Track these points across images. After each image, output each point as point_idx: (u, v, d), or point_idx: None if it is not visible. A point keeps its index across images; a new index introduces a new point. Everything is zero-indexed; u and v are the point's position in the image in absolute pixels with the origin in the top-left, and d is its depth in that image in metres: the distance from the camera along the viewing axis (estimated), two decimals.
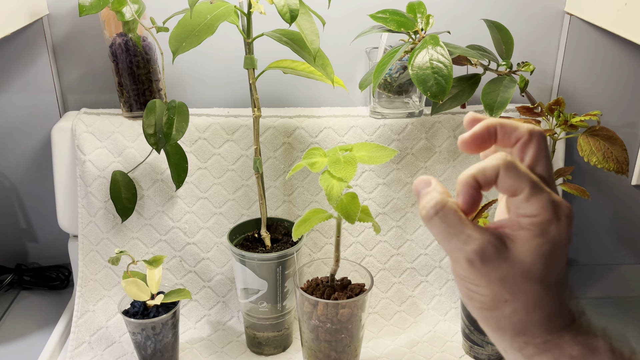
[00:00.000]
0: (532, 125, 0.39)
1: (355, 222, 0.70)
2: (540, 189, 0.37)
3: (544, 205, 0.37)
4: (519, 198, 0.38)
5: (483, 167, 0.38)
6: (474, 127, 0.40)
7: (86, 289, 0.97)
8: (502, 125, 0.40)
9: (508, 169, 0.37)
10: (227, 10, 0.74)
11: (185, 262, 0.98)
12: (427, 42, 0.79)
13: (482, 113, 0.99)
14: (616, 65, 1.03)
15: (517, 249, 0.38)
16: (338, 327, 0.78)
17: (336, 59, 0.93)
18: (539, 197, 0.37)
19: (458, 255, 0.38)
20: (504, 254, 0.38)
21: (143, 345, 0.84)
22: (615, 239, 1.17)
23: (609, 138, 0.81)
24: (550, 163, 0.40)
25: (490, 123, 0.40)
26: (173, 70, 1.00)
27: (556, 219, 0.38)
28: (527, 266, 0.37)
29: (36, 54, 0.99)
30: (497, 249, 0.37)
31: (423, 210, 0.39)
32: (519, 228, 0.38)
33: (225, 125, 0.97)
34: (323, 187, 0.69)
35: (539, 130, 0.39)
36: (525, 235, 0.38)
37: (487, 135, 0.40)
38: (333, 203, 0.68)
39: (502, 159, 0.37)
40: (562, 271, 0.39)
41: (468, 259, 0.38)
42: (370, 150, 0.73)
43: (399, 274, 1.00)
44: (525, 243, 0.38)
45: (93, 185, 0.95)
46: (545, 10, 1.00)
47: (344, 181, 0.69)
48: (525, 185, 0.37)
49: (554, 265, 0.38)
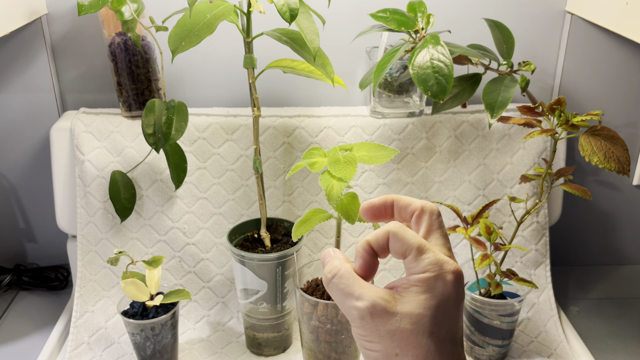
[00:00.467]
0: (425, 201, 0.44)
1: (355, 223, 0.69)
2: (427, 250, 0.41)
3: (430, 263, 0.40)
4: (409, 259, 0.41)
5: (376, 234, 0.42)
6: (376, 198, 0.46)
7: (85, 289, 0.96)
8: (398, 200, 0.45)
9: (396, 234, 0.41)
10: (226, 9, 0.74)
11: (185, 263, 0.97)
12: (427, 42, 0.79)
13: (482, 112, 0.99)
14: (617, 64, 1.03)
15: (405, 304, 0.40)
16: (338, 328, 0.77)
17: (336, 58, 0.93)
18: (425, 256, 0.41)
19: (353, 312, 0.41)
20: (393, 308, 0.40)
21: (142, 346, 0.84)
22: (616, 239, 1.16)
23: (611, 138, 0.80)
24: (445, 233, 0.43)
25: (388, 197, 0.45)
26: (172, 70, 0.99)
27: (442, 276, 0.40)
28: (414, 319, 0.40)
29: (35, 54, 0.98)
30: (387, 304, 0.40)
31: (324, 277, 0.43)
32: (409, 285, 0.41)
33: (224, 125, 0.97)
34: (323, 187, 0.69)
35: (431, 205, 0.44)
36: (413, 290, 0.40)
37: (382, 208, 0.45)
38: (333, 203, 0.68)
39: (391, 225, 0.42)
40: (454, 327, 0.41)
41: (360, 314, 0.40)
42: (371, 150, 0.73)
43: (399, 274, 1.00)
44: (413, 298, 0.40)
45: (92, 185, 0.95)
46: (546, 9, 1.00)
47: (344, 181, 0.68)
48: (413, 247, 0.41)
49: (443, 320, 0.40)
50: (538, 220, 1.00)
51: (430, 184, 0.99)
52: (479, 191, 1.00)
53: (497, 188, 1.00)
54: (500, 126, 0.99)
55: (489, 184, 1.00)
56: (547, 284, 1.01)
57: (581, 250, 1.17)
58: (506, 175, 0.99)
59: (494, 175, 0.99)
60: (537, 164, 0.99)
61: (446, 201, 0.99)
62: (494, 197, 0.99)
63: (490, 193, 1.00)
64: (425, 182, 0.99)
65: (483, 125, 0.99)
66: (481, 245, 0.83)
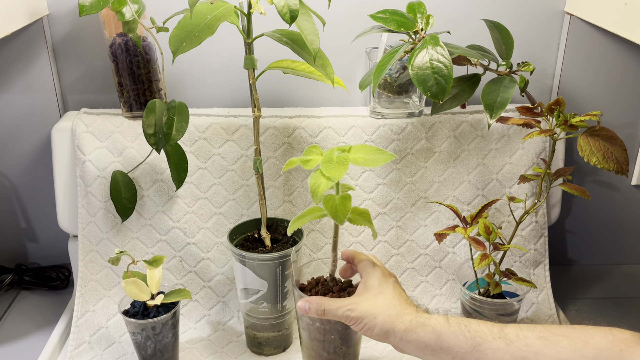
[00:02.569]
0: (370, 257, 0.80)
1: (344, 223, 0.70)
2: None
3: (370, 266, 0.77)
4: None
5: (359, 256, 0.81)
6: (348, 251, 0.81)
7: (86, 289, 0.97)
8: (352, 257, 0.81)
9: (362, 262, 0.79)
10: (227, 10, 0.74)
11: (185, 262, 0.98)
12: (427, 42, 0.79)
13: (482, 113, 0.99)
14: (616, 65, 1.03)
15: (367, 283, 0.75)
16: (327, 328, 0.78)
17: (336, 59, 0.93)
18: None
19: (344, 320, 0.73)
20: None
21: (143, 345, 0.85)
22: (615, 239, 1.17)
23: (609, 138, 0.81)
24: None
25: (346, 252, 0.81)
26: (173, 70, 1.00)
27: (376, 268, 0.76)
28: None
29: (36, 54, 0.99)
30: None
31: (317, 315, 0.74)
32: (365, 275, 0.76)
33: (225, 125, 0.97)
34: (309, 185, 0.69)
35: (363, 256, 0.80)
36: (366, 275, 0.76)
37: (345, 257, 0.82)
38: (317, 201, 0.68)
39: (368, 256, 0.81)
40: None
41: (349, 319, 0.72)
42: (368, 152, 0.72)
43: (399, 274, 1.00)
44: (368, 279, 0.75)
45: (93, 185, 0.95)
46: (545, 10, 1.00)
47: (332, 180, 0.68)
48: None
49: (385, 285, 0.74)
50: (537, 220, 1.00)
51: (430, 184, 1.00)
52: (478, 191, 1.00)
53: (496, 188, 1.00)
54: (499, 126, 0.99)
55: (488, 184, 1.00)
56: (546, 284, 1.01)
57: (580, 250, 1.18)
58: (505, 176, 1.00)
59: (493, 176, 1.00)
60: (536, 164, 0.99)
61: (445, 201, 1.00)
62: (493, 197, 0.99)
63: (489, 193, 1.00)
64: (425, 182, 1.00)
65: (482, 125, 0.99)
66: (480, 245, 0.84)
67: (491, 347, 0.63)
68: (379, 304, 0.71)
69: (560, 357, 0.60)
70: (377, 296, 0.72)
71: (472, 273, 0.92)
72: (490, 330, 0.65)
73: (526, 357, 0.61)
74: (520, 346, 0.62)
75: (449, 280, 1.01)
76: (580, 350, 0.59)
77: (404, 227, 1.00)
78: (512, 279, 0.87)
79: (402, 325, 0.68)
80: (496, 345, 0.63)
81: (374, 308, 0.70)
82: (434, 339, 0.66)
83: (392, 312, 0.69)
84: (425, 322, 0.67)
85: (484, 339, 0.64)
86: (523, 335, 0.63)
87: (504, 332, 0.64)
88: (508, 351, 0.62)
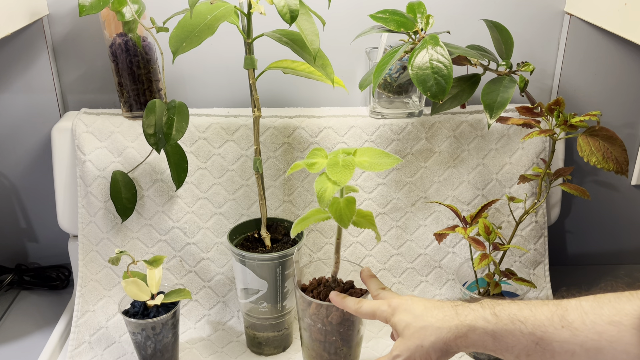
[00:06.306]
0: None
1: (348, 227, 0.69)
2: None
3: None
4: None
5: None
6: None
7: (86, 289, 0.97)
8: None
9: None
10: (227, 10, 0.75)
11: (185, 262, 0.98)
12: (427, 42, 0.79)
13: (481, 113, 0.99)
14: (616, 65, 1.03)
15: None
16: (329, 329, 0.78)
17: (336, 59, 0.93)
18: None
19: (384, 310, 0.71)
20: None
21: (143, 345, 0.85)
22: (615, 239, 1.17)
23: (609, 138, 0.81)
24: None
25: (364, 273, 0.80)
26: (173, 70, 1.00)
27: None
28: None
29: (36, 54, 0.99)
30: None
31: (351, 312, 0.74)
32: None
33: (225, 125, 0.97)
34: (315, 189, 0.68)
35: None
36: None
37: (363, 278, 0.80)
38: (323, 206, 0.67)
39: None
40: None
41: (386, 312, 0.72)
42: (373, 156, 0.71)
43: (398, 274, 1.01)
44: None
45: (93, 185, 0.96)
46: (545, 10, 1.00)
47: (338, 185, 0.68)
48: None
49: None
50: (537, 220, 1.00)
51: (430, 184, 1.00)
52: (478, 191, 1.00)
53: (496, 188, 1.00)
54: (499, 126, 0.99)
55: (488, 184, 1.00)
56: (545, 284, 1.01)
57: (579, 250, 1.18)
58: (505, 176, 1.00)
59: (492, 176, 1.00)
60: (536, 164, 0.99)
61: (445, 201, 1.00)
62: (493, 197, 1.00)
63: (489, 193, 1.00)
64: (425, 182, 1.00)
65: (482, 125, 0.99)
66: (480, 245, 0.84)
67: (556, 339, 0.56)
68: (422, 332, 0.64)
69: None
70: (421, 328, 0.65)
71: (472, 273, 0.92)
72: (549, 320, 0.57)
73: (601, 347, 0.53)
74: (591, 335, 0.54)
75: (449, 280, 1.01)
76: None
77: (404, 227, 1.00)
78: (512, 279, 0.87)
79: (450, 334, 0.62)
80: (562, 337, 0.55)
81: (419, 339, 0.63)
82: (490, 341, 0.60)
83: (433, 327, 0.63)
84: (473, 325, 0.60)
85: (544, 332, 0.56)
86: (590, 320, 0.54)
87: (567, 320, 0.56)
88: (577, 342, 0.54)
